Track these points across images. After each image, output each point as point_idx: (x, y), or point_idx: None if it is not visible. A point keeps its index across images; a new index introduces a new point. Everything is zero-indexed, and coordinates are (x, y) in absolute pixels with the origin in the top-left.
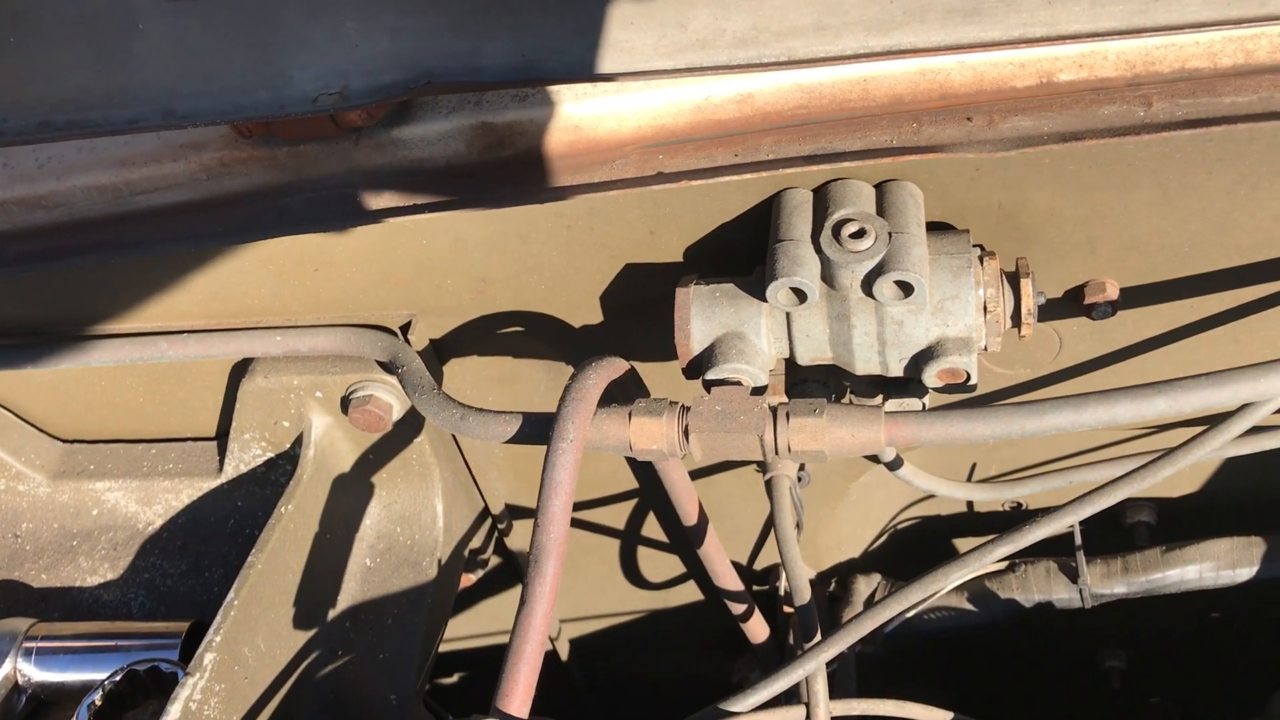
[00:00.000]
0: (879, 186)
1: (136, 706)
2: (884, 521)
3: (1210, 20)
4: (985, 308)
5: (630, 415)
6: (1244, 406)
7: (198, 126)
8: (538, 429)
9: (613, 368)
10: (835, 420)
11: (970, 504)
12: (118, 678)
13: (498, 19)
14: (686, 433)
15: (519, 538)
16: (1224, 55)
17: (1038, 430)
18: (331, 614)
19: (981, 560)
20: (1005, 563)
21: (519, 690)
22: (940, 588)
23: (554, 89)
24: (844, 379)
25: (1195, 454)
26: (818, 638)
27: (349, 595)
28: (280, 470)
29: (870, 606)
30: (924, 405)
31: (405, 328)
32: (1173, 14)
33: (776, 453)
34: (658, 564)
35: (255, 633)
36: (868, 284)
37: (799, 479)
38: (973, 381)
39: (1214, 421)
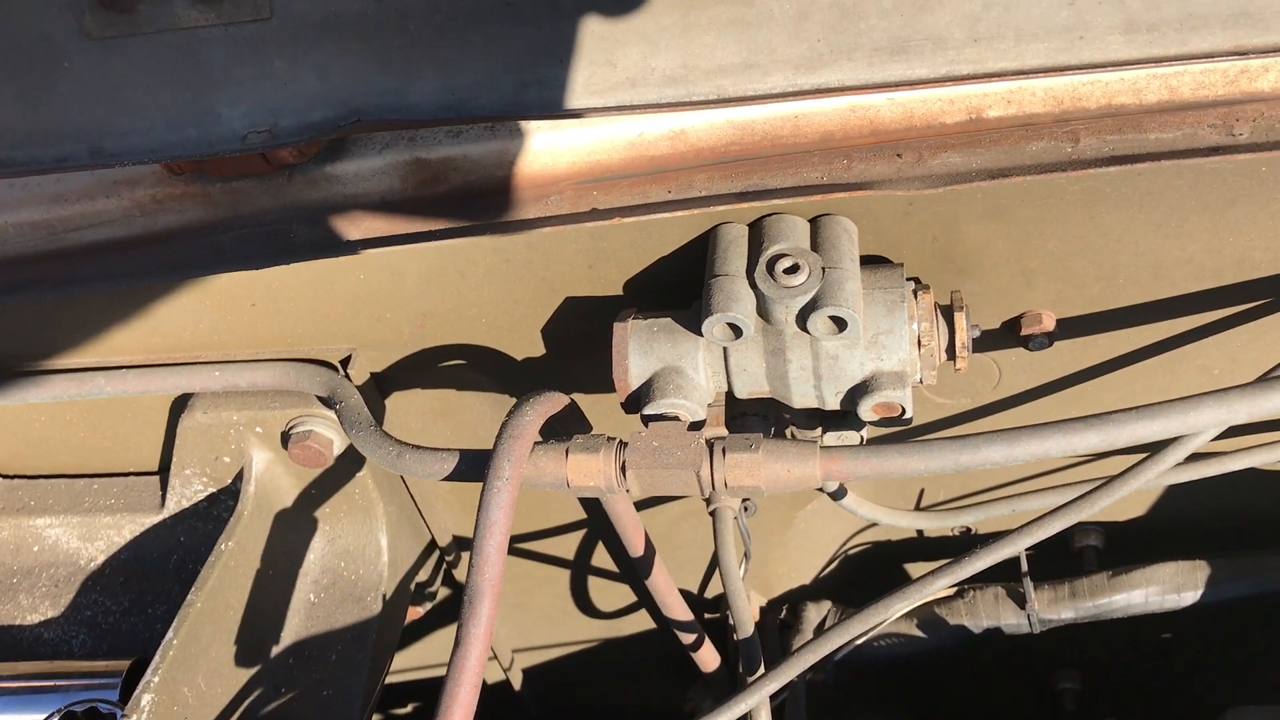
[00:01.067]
0: (813, 221)
1: None
2: (834, 548)
3: (1132, 59)
4: (919, 342)
5: (567, 452)
6: (1178, 438)
7: (126, 165)
8: (474, 467)
9: (551, 403)
10: (771, 456)
11: (920, 530)
12: (55, 719)
13: (425, 56)
14: (624, 469)
15: (466, 569)
16: (1149, 92)
17: (971, 464)
18: (274, 651)
19: (926, 589)
20: (954, 589)
21: None
22: (887, 616)
23: (488, 125)
24: (784, 411)
25: (1133, 484)
26: (760, 670)
27: (292, 631)
28: (222, 505)
29: (816, 636)
30: (862, 438)
31: (345, 362)
32: (1096, 53)
33: (714, 488)
34: (609, 593)
35: (195, 672)
36: (802, 319)
37: (745, 509)
38: (908, 415)
39: (1153, 450)
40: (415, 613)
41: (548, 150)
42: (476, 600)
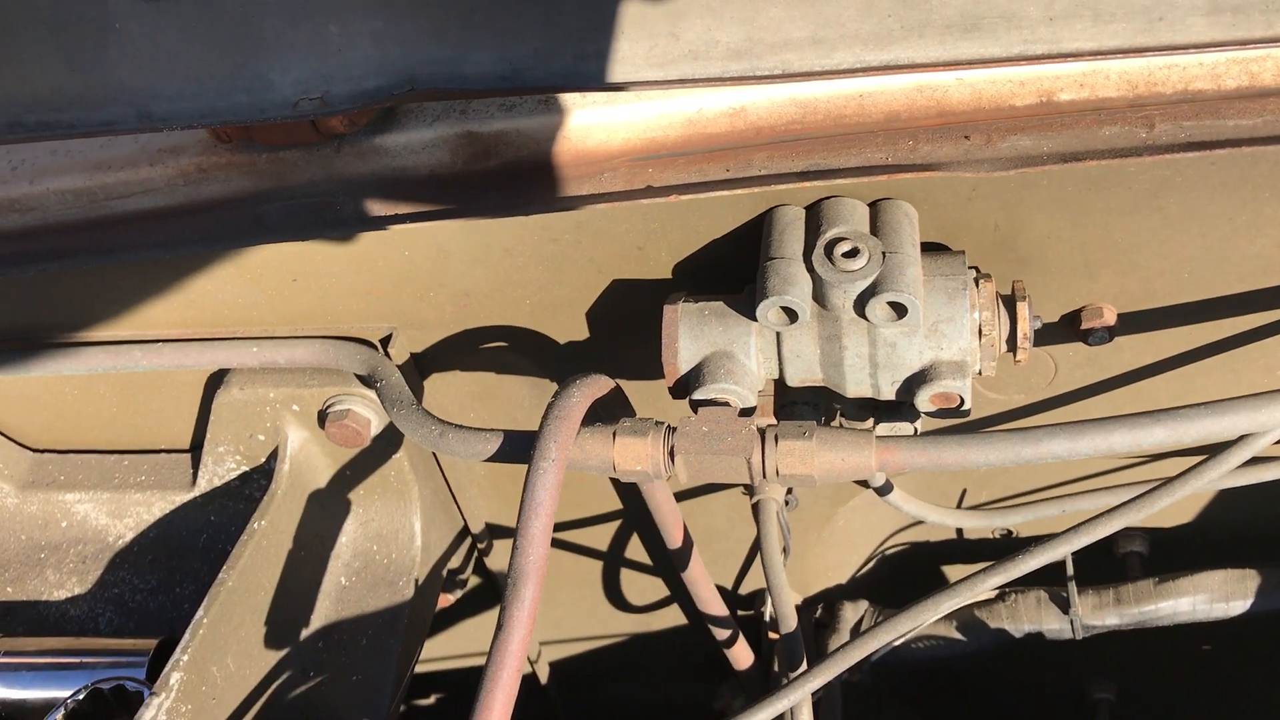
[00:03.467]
0: (873, 205)
1: None
2: (872, 547)
3: (1215, 41)
4: (980, 331)
5: (615, 435)
6: (1242, 437)
7: (174, 129)
8: (519, 447)
9: (597, 386)
10: (825, 444)
11: (959, 531)
12: (81, 696)
13: (483, 25)
14: (672, 454)
15: (499, 558)
16: (1228, 77)
17: (1033, 458)
18: (304, 633)
19: (973, 590)
20: (995, 591)
21: (494, 717)
22: (929, 617)
23: (542, 99)
24: (834, 401)
25: (1192, 485)
26: (803, 667)
27: (323, 614)
28: (255, 484)
29: (857, 636)
30: (916, 430)
31: (386, 341)
32: (1177, 34)
33: (764, 476)
34: (641, 587)
35: (224, 652)
36: (860, 305)
37: (786, 503)
38: (966, 406)
39: (1211, 452)
40: (446, 600)
41: (602, 126)
42: (521, 583)
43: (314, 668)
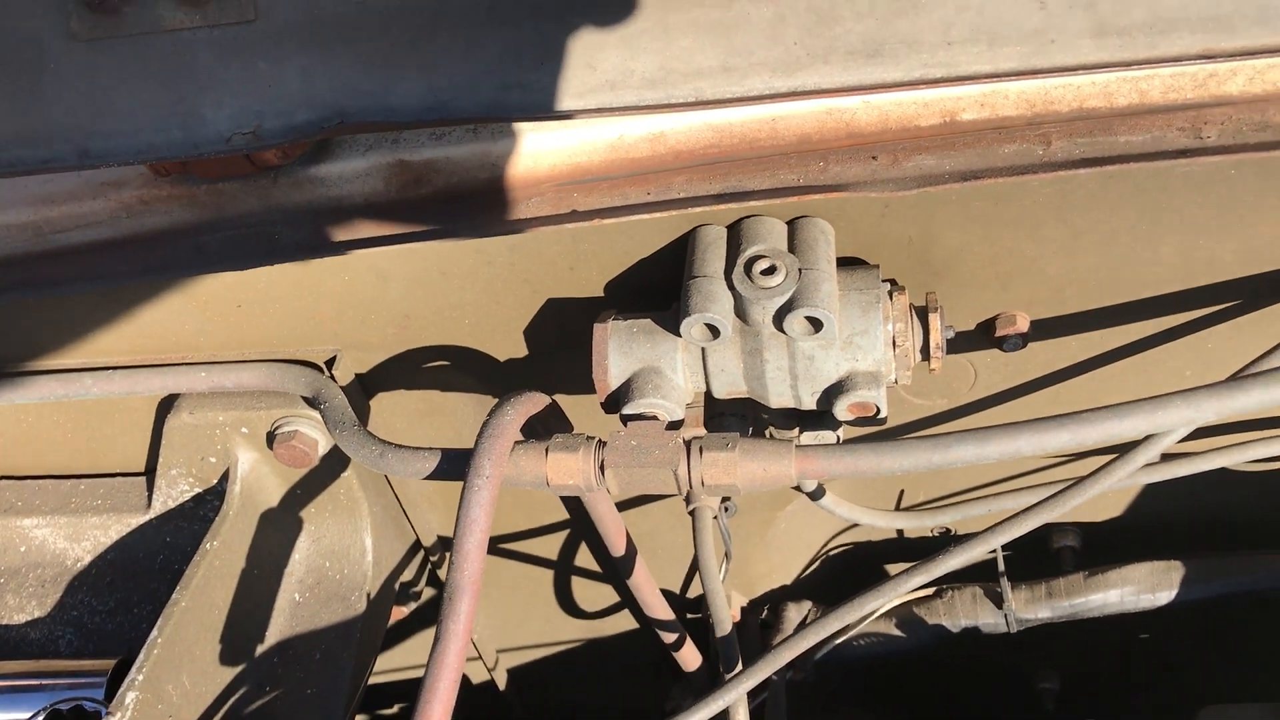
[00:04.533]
0: (791, 223)
1: None
2: (815, 549)
3: (1103, 62)
4: (894, 342)
5: (547, 451)
6: (1147, 437)
7: (112, 166)
8: (455, 465)
9: (532, 402)
10: (747, 454)
11: (900, 530)
12: (40, 717)
13: (408, 59)
14: (603, 467)
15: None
16: (1119, 95)
17: (943, 463)
18: (259, 649)
19: (901, 587)
20: (933, 588)
21: None
22: (863, 614)
23: (470, 128)
24: (762, 411)
25: (1103, 483)
26: (738, 668)
27: (277, 630)
28: (209, 505)
29: (790, 635)
30: (838, 437)
31: (330, 362)
32: (1067, 56)
33: (690, 487)
34: (593, 592)
35: (180, 670)
36: (779, 319)
37: (725, 509)
38: (883, 415)
39: (1124, 450)
40: (400, 612)
41: (529, 152)
42: (456, 597)
43: (269, 682)
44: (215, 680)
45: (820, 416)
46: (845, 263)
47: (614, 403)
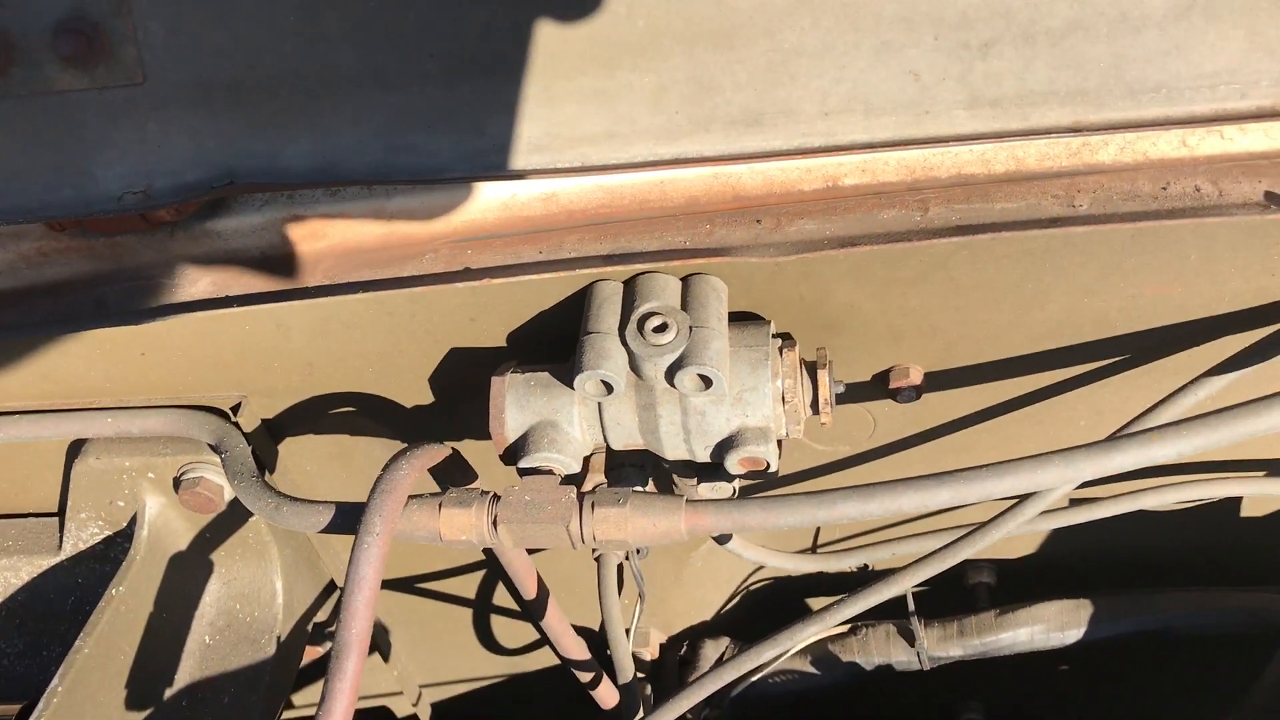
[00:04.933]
0: (685, 279)
1: None
2: (734, 585)
3: (976, 133)
4: (784, 398)
5: (440, 506)
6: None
7: (4, 225)
8: (349, 520)
9: (429, 455)
10: (638, 510)
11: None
12: None
13: (297, 121)
14: (495, 523)
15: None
16: (997, 162)
17: (828, 520)
18: (167, 693)
19: (811, 627)
20: (849, 626)
21: None
22: (775, 654)
23: (364, 186)
24: (663, 461)
25: (998, 532)
26: (640, 714)
27: (186, 674)
28: (119, 548)
29: (703, 673)
30: (735, 488)
31: (236, 408)
32: (942, 126)
33: (583, 542)
34: (516, 630)
35: (81, 717)
36: (670, 375)
37: (638, 551)
38: (773, 469)
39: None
40: (315, 652)
41: (424, 209)
42: (344, 656)
43: None
44: None
45: (717, 468)
46: (739, 317)
47: (511, 455)
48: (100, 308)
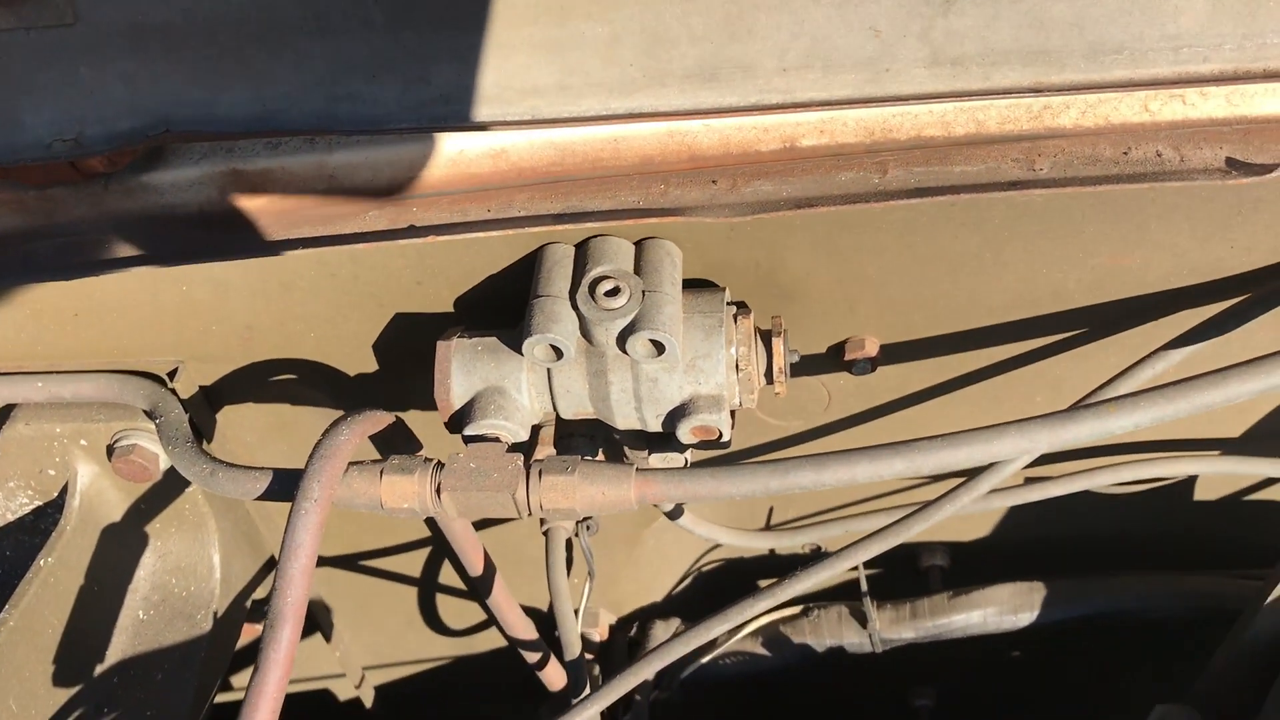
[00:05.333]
0: (639, 243)
1: None
2: (685, 565)
3: (936, 92)
4: (737, 366)
5: (382, 473)
6: (989, 465)
7: None
8: (286, 486)
9: (371, 422)
10: (586, 478)
11: (772, 548)
12: None
13: (235, 68)
14: (439, 490)
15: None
16: (957, 125)
17: (782, 489)
18: (98, 669)
19: (760, 604)
20: (801, 607)
21: None
22: (721, 630)
23: (306, 138)
24: (613, 432)
25: (948, 509)
26: (586, 691)
27: (118, 650)
28: (49, 519)
29: (648, 651)
30: (686, 459)
31: (172, 374)
32: (902, 85)
33: (530, 511)
34: (461, 610)
35: (5, 692)
36: (622, 341)
37: (587, 527)
38: (725, 439)
39: (969, 476)
40: (254, 630)
41: (367, 164)
42: (278, 625)
43: (106, 704)
44: (46, 703)
45: (668, 438)
46: (694, 284)
47: (456, 423)
48: (30, 264)
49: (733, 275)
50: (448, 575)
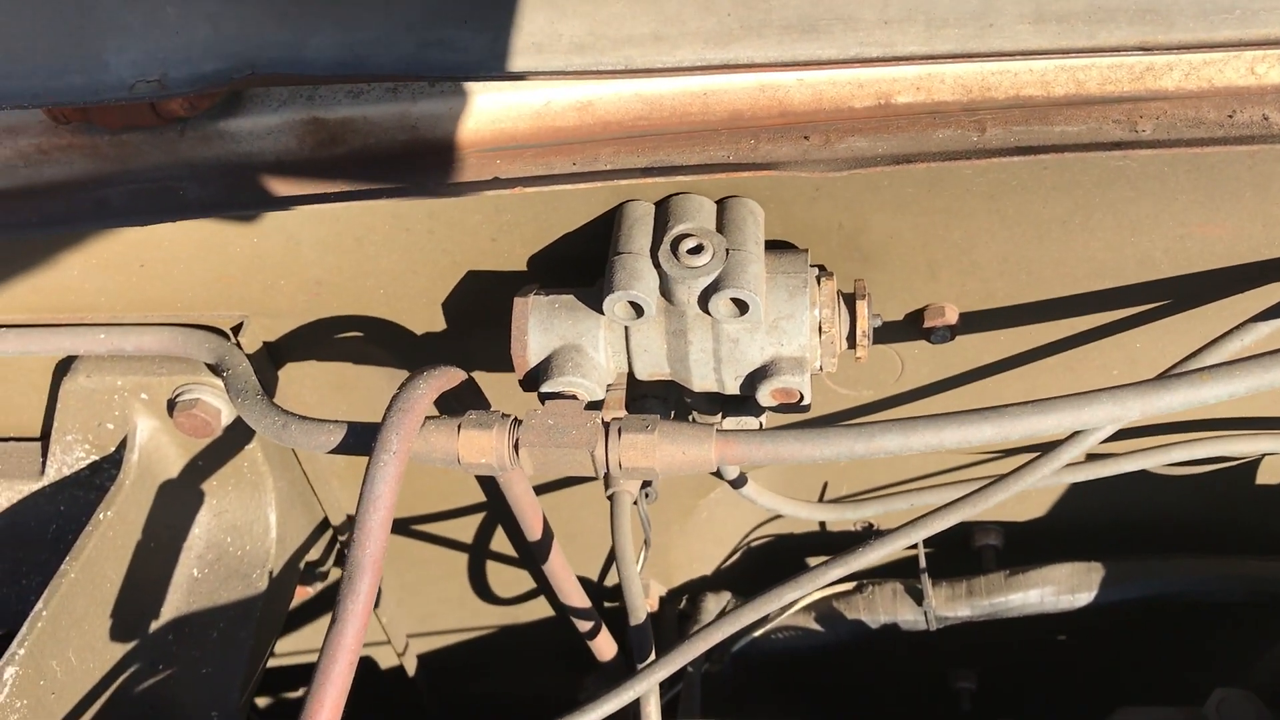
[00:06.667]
0: (720, 202)
1: None
2: (736, 539)
3: (1041, 49)
4: (820, 328)
5: (459, 428)
6: (1073, 434)
7: (5, 109)
8: (362, 439)
9: (446, 377)
10: (666, 437)
11: (823, 524)
12: None
13: (324, 10)
14: (517, 446)
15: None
16: (1057, 84)
17: (867, 453)
18: (153, 626)
19: (820, 579)
20: (853, 583)
21: (324, 714)
22: (777, 607)
23: (390, 86)
24: (685, 395)
25: (1027, 479)
26: (651, 658)
27: (173, 607)
28: (105, 474)
29: (706, 625)
30: (761, 424)
31: (237, 329)
32: (1005, 40)
33: (608, 469)
34: (508, 579)
35: (66, 645)
36: (704, 300)
37: (646, 495)
38: (806, 401)
39: (1047, 448)
40: (305, 593)
41: (450, 116)
42: (357, 576)
43: (162, 660)
44: (104, 657)
45: (743, 402)
46: (774, 246)
47: (532, 380)
48: (102, 210)
49: (814, 238)
50: (496, 542)
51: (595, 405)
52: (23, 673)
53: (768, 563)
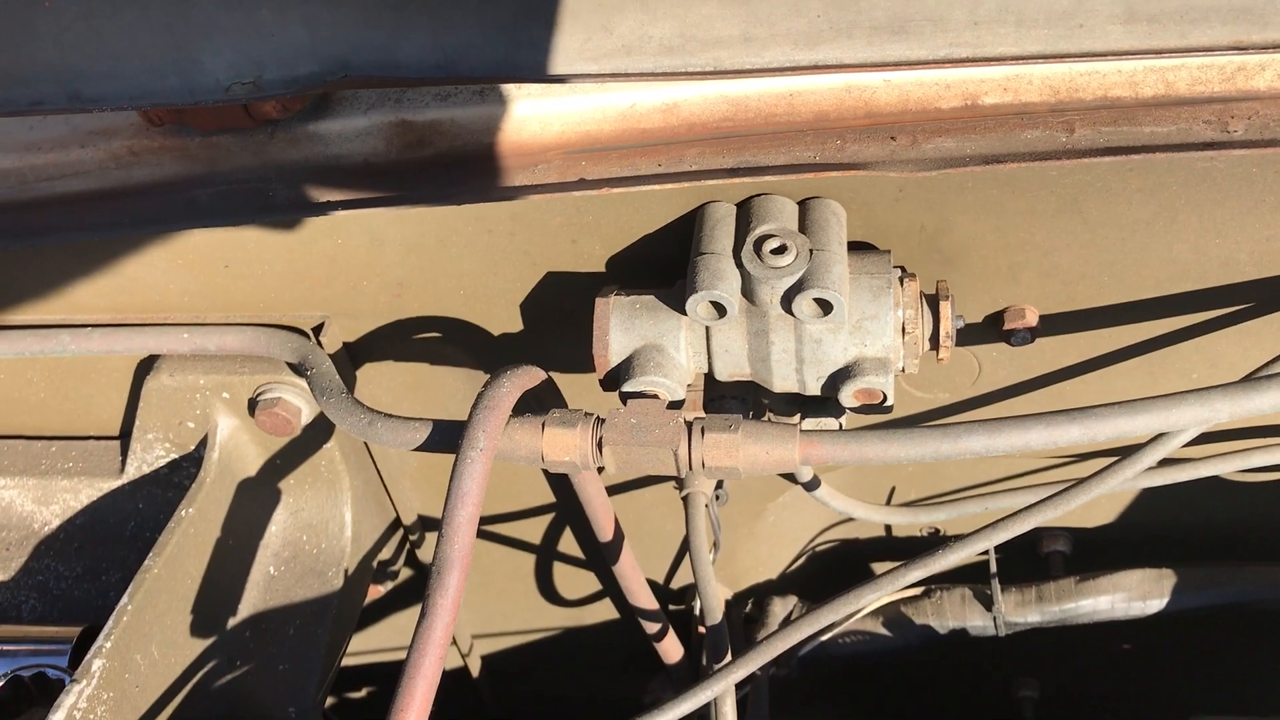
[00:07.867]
0: (802, 203)
1: (20, 715)
2: (802, 543)
3: (1131, 49)
4: (904, 329)
5: (544, 426)
6: (1156, 437)
7: (104, 110)
8: (447, 437)
9: (529, 376)
10: (750, 437)
11: (888, 528)
12: (0, 684)
13: (417, 12)
14: (600, 445)
15: (431, 550)
16: (1145, 85)
17: (952, 453)
18: (231, 622)
19: (893, 584)
20: (921, 588)
21: (415, 707)
22: (851, 610)
23: (477, 89)
24: (762, 396)
25: (1108, 484)
26: (728, 658)
27: (250, 604)
28: (184, 472)
29: (782, 628)
30: (840, 425)
31: (318, 329)
32: (1095, 41)
33: (690, 468)
34: (573, 580)
35: (149, 639)
36: (787, 301)
37: (717, 497)
38: (889, 402)
39: (1125, 453)
40: (376, 591)
41: (537, 118)
42: (445, 571)
43: (240, 656)
44: (185, 652)
45: (823, 403)
46: (855, 248)
47: (613, 380)
48: (191, 211)
49: (895, 239)
50: (562, 544)
51: (676, 405)
52: (109, 665)
53: (832, 567)
